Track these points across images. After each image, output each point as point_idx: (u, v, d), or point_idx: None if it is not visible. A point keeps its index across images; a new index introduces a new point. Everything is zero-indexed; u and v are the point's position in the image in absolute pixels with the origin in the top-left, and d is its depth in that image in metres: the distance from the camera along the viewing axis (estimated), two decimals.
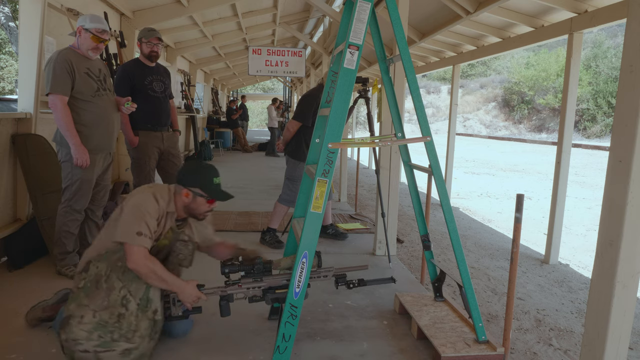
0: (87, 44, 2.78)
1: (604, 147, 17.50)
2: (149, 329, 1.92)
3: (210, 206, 2.10)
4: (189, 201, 2.06)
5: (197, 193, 2.05)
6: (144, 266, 1.88)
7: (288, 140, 3.81)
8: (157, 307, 1.96)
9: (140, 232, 1.89)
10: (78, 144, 2.74)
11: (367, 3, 1.92)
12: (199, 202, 2.07)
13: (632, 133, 1.57)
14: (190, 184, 2.05)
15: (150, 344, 1.94)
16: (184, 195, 2.06)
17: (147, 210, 1.95)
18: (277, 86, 35.57)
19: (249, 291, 2.09)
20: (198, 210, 2.09)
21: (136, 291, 1.91)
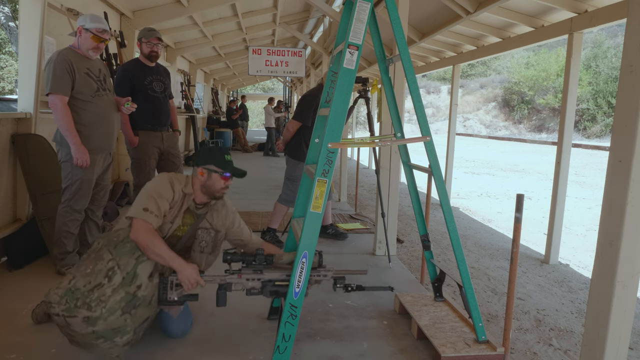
0: (88, 43, 2.78)
1: (604, 147, 17.50)
2: (122, 302, 1.85)
3: (225, 182, 2.18)
4: (205, 179, 2.15)
5: (211, 170, 2.14)
6: (144, 238, 1.93)
7: (288, 140, 3.81)
8: (142, 283, 1.92)
9: (146, 208, 1.99)
10: (78, 144, 2.74)
11: (367, 3, 1.92)
12: (214, 179, 2.15)
13: (632, 133, 1.57)
14: (204, 162, 2.15)
15: (122, 318, 1.85)
16: (199, 174, 2.16)
17: (158, 191, 2.06)
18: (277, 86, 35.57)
19: (248, 282, 2.06)
20: (214, 187, 2.16)
21: (125, 266, 1.91)
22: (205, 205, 2.25)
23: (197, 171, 2.16)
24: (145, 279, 1.94)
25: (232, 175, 2.19)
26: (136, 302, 1.90)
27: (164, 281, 1.98)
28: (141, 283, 1.92)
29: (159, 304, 2.00)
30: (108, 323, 1.84)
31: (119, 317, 1.85)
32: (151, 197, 2.04)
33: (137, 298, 1.90)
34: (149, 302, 1.94)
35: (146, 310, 1.94)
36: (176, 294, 2.00)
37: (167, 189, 2.09)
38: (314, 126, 2.41)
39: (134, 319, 1.89)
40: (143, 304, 1.92)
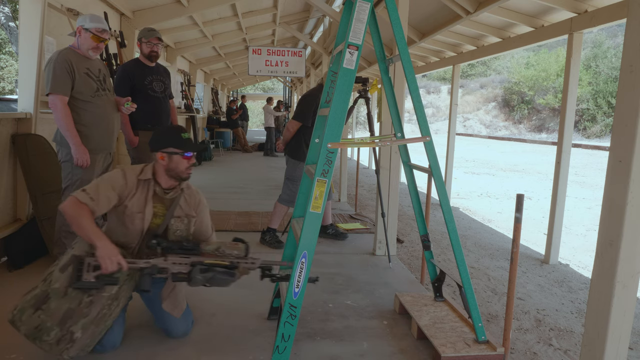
0: (87, 43, 2.78)
1: (604, 147, 17.50)
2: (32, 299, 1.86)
3: (188, 161, 2.11)
4: (167, 163, 2.09)
5: (170, 152, 2.07)
6: (70, 209, 1.88)
7: (288, 140, 3.81)
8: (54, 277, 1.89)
9: (84, 189, 1.95)
10: (78, 144, 2.74)
11: (367, 3, 1.92)
12: (176, 161, 2.08)
13: (632, 133, 1.57)
14: (162, 146, 2.08)
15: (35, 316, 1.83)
16: (160, 159, 2.09)
17: (105, 178, 2.04)
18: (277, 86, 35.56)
19: (175, 266, 1.98)
20: (179, 168, 2.10)
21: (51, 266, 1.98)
22: (174, 190, 2.18)
23: (157, 156, 2.09)
24: (57, 272, 1.90)
25: (194, 153, 2.13)
26: (46, 297, 1.85)
27: (79, 262, 1.87)
28: (52, 278, 1.89)
29: (73, 287, 1.87)
30: (25, 323, 1.84)
31: (32, 315, 1.83)
32: (94, 183, 2.01)
33: (46, 292, 1.86)
34: (63, 294, 1.86)
35: (62, 302, 1.86)
36: (93, 275, 1.86)
37: (117, 178, 2.04)
38: (314, 126, 2.41)
39: (48, 313, 1.84)
40: (55, 297, 1.86)
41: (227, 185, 6.92)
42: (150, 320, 2.35)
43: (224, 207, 5.25)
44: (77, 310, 1.87)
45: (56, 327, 1.84)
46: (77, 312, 1.87)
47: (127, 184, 2.05)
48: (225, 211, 5.01)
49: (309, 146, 2.39)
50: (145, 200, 2.09)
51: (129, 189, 2.06)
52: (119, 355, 2.07)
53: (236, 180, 7.46)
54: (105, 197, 1.97)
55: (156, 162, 2.11)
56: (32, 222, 3.24)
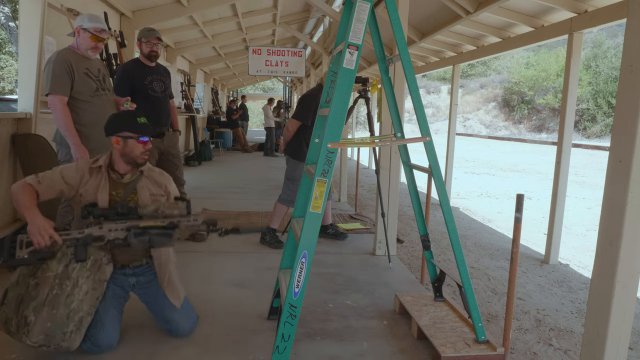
0: (86, 43, 2.78)
1: (604, 147, 17.50)
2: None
3: (144, 146, 2.11)
4: (122, 147, 2.09)
5: (125, 136, 2.08)
6: (14, 188, 1.95)
7: (288, 140, 3.81)
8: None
9: (37, 174, 2.01)
10: (78, 143, 2.74)
11: (367, 3, 1.92)
12: (131, 145, 2.09)
13: (632, 133, 1.57)
14: (117, 129, 2.09)
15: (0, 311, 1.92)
16: (114, 143, 2.09)
17: (60, 168, 2.09)
18: (277, 86, 35.56)
19: (111, 233, 1.96)
20: (133, 153, 2.10)
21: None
22: (131, 173, 2.18)
23: (112, 141, 2.09)
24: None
25: (149, 138, 2.12)
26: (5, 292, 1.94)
27: (11, 240, 1.88)
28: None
29: (6, 265, 1.93)
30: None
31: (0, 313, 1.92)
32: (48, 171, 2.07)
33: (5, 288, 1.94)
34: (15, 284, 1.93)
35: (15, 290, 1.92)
36: (27, 252, 1.86)
37: (69, 168, 2.10)
38: (314, 126, 2.41)
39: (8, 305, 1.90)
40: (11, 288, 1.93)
41: (227, 185, 6.92)
42: (150, 320, 2.35)
43: (224, 207, 5.25)
44: (25, 295, 1.90)
45: (14, 315, 1.89)
46: (26, 296, 1.90)
47: (78, 173, 2.08)
48: (225, 211, 5.01)
49: (309, 146, 2.39)
50: (97, 187, 2.09)
51: (79, 177, 2.07)
52: (118, 356, 2.07)
53: (236, 180, 7.46)
54: (50, 180, 2.01)
55: (111, 146, 2.12)
56: None
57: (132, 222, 2.00)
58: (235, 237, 4.03)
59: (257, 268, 3.29)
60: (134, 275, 2.22)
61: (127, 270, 2.20)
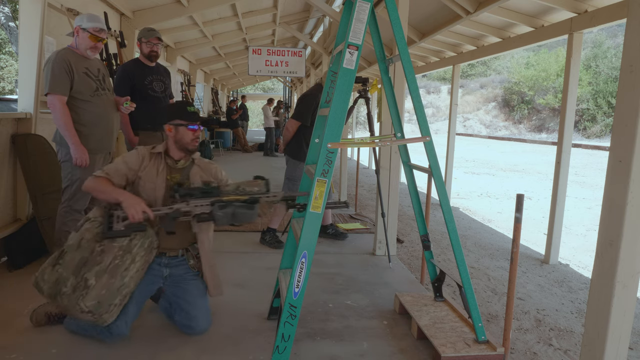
0: (85, 43, 2.79)
1: (604, 147, 17.50)
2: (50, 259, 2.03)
3: (193, 133, 2.26)
4: (174, 134, 2.25)
5: (176, 124, 2.23)
6: (89, 184, 2.10)
7: (288, 140, 3.81)
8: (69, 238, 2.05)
9: (102, 169, 2.17)
10: (77, 143, 2.74)
11: (367, 3, 1.92)
12: (182, 132, 2.24)
13: (632, 133, 1.57)
14: (169, 118, 2.25)
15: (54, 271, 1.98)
16: (168, 131, 2.25)
17: (121, 157, 2.25)
18: (277, 86, 35.56)
19: (197, 208, 2.10)
20: (184, 139, 2.25)
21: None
22: (184, 160, 2.32)
23: (166, 129, 2.25)
24: (73, 233, 2.06)
25: (198, 125, 2.26)
26: (61, 253, 2.01)
27: (109, 214, 2.03)
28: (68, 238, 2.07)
29: (103, 236, 2.02)
30: (47, 281, 1.96)
31: (51, 272, 1.98)
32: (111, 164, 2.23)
33: (62, 250, 2.02)
34: (77, 246, 2.00)
35: (76, 253, 1.99)
36: (123, 225, 2.02)
37: (131, 155, 2.25)
38: (313, 126, 2.41)
39: (64, 265, 1.98)
40: (69, 250, 2.00)
41: None
42: (150, 321, 2.36)
43: None
44: (90, 258, 1.99)
45: (71, 276, 1.96)
46: (90, 260, 1.99)
47: (139, 157, 2.23)
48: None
49: (309, 146, 2.39)
50: (156, 172, 2.24)
51: (140, 161, 2.23)
52: (119, 355, 2.07)
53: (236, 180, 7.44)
54: (114, 169, 2.17)
55: (165, 135, 2.28)
56: (32, 222, 3.24)
57: (216, 198, 2.11)
58: (235, 237, 4.03)
59: (257, 268, 3.29)
60: (168, 266, 2.30)
61: (163, 260, 2.28)
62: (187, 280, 2.30)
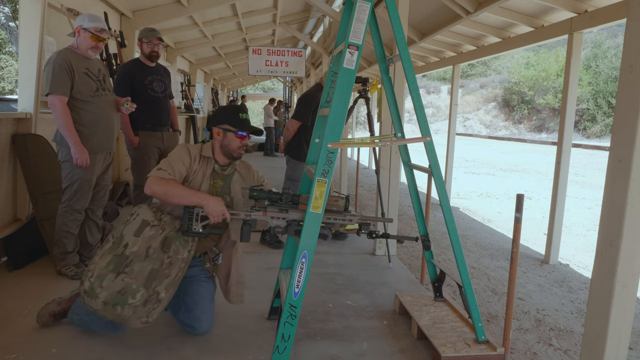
0: (86, 43, 2.79)
1: (604, 147, 17.50)
2: (110, 265, 1.91)
3: (241, 141, 2.19)
4: (221, 139, 2.18)
5: (225, 129, 2.16)
6: (159, 187, 1.97)
7: (288, 140, 3.81)
8: (128, 242, 1.96)
9: (160, 168, 2.05)
10: (78, 143, 2.74)
11: (367, 3, 1.92)
12: (230, 138, 2.17)
13: (632, 133, 1.57)
14: (219, 122, 2.19)
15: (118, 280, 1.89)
16: (215, 135, 2.19)
17: (174, 156, 2.12)
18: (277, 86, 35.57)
19: (273, 220, 2.05)
20: (231, 146, 2.19)
21: (115, 233, 2.01)
22: (229, 166, 2.28)
23: (214, 131, 2.18)
24: (131, 237, 1.96)
25: (248, 133, 2.20)
26: (126, 260, 1.92)
27: (190, 212, 1.99)
28: (127, 242, 1.96)
29: (183, 234, 2.00)
30: (107, 288, 1.88)
31: (114, 280, 1.89)
32: (166, 161, 2.09)
33: (126, 256, 1.93)
34: (144, 256, 1.94)
35: (145, 264, 1.93)
36: (201, 225, 2.00)
37: (184, 153, 2.13)
38: (314, 126, 2.41)
39: (132, 275, 1.90)
40: (136, 260, 1.93)
41: None
42: None
43: None
44: (160, 271, 1.95)
45: (142, 288, 1.90)
46: (160, 273, 1.95)
47: (192, 158, 2.15)
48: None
49: (309, 146, 2.39)
50: (202, 177, 2.18)
51: (194, 163, 2.16)
52: (119, 354, 2.07)
53: None
54: (178, 171, 2.08)
55: (213, 138, 2.22)
56: (32, 222, 3.24)
57: (294, 212, 2.05)
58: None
59: (257, 268, 3.29)
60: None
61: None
62: (199, 281, 2.28)
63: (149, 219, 2.01)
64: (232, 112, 2.20)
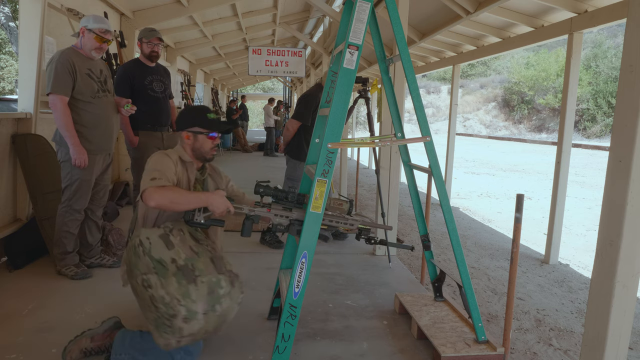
0: (91, 44, 2.81)
1: (604, 147, 17.50)
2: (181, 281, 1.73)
3: (212, 142, 2.11)
4: (192, 142, 2.09)
5: (195, 132, 2.07)
6: (162, 196, 1.83)
7: (288, 140, 3.81)
8: (172, 257, 1.79)
9: (153, 178, 1.91)
10: (77, 144, 2.74)
11: (367, 3, 1.92)
12: (201, 140, 2.09)
13: (632, 133, 1.57)
14: (187, 125, 2.08)
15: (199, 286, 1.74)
16: (185, 139, 2.09)
17: (156, 163, 1.98)
18: (277, 86, 35.57)
19: (276, 218, 2.03)
20: (203, 148, 2.10)
21: (144, 266, 1.79)
22: (202, 170, 2.21)
23: (182, 135, 2.08)
24: (169, 252, 1.80)
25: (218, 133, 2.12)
26: (188, 268, 1.78)
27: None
28: (171, 258, 1.79)
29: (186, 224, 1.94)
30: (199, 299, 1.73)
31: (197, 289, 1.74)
32: (155, 170, 1.95)
33: (184, 266, 1.77)
34: (195, 254, 1.84)
35: (202, 259, 1.83)
36: (203, 217, 1.95)
37: (166, 160, 2.01)
38: (314, 126, 2.41)
39: (204, 273, 1.78)
40: (193, 261, 1.81)
41: None
42: None
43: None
44: (214, 255, 1.91)
45: (219, 275, 1.81)
46: (216, 256, 1.91)
47: (175, 164, 2.04)
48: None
49: (309, 146, 2.39)
50: (188, 183, 2.11)
51: (177, 168, 2.06)
52: None
53: (236, 180, 7.41)
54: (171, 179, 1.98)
55: (182, 141, 2.10)
56: (32, 222, 3.24)
57: (297, 212, 2.03)
58: (235, 237, 4.02)
59: (257, 268, 3.29)
60: None
61: None
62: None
63: (161, 232, 1.88)
64: (200, 114, 2.11)
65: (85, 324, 2.30)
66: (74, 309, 2.49)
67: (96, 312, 2.45)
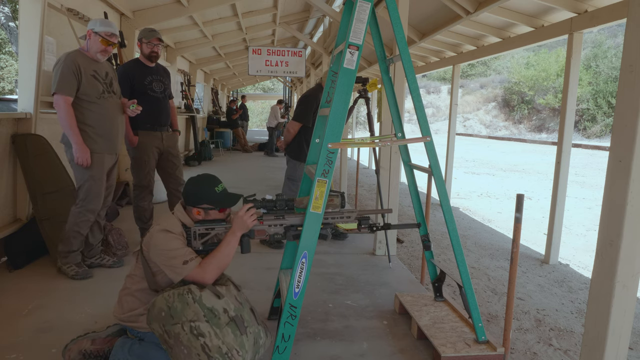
0: (96, 46, 2.86)
1: (604, 147, 17.50)
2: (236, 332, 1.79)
3: (224, 214, 2.08)
4: (203, 216, 2.04)
5: (206, 208, 2.02)
6: (210, 273, 1.87)
7: (289, 141, 3.81)
8: (223, 307, 1.81)
9: (186, 261, 1.87)
10: (80, 143, 2.78)
11: (367, 3, 1.92)
12: (213, 214, 2.05)
13: (632, 133, 1.57)
14: (197, 202, 2.02)
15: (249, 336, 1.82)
16: (196, 214, 2.03)
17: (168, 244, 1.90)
18: (277, 86, 35.58)
19: (271, 228, 2.06)
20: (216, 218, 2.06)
21: (192, 314, 1.76)
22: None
23: (193, 211, 2.03)
24: (220, 302, 1.83)
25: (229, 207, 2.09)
26: (240, 319, 1.84)
27: (189, 231, 1.96)
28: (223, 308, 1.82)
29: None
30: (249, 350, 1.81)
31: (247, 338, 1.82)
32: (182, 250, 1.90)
33: (236, 316, 1.83)
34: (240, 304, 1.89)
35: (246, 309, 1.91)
36: (200, 243, 1.97)
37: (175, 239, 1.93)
38: (314, 126, 2.41)
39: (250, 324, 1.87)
40: (241, 312, 1.87)
41: (227, 185, 6.89)
42: None
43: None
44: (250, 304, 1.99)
45: (258, 325, 1.93)
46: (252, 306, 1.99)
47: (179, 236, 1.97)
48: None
49: (310, 146, 2.39)
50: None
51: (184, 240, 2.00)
52: None
53: (236, 180, 7.45)
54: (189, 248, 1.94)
55: (190, 212, 2.04)
56: (32, 222, 3.24)
57: (290, 217, 2.07)
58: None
59: (257, 268, 3.29)
60: None
61: None
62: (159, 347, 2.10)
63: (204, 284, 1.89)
64: (208, 189, 2.02)
65: (85, 324, 2.31)
66: (74, 309, 2.49)
67: (96, 312, 2.45)
